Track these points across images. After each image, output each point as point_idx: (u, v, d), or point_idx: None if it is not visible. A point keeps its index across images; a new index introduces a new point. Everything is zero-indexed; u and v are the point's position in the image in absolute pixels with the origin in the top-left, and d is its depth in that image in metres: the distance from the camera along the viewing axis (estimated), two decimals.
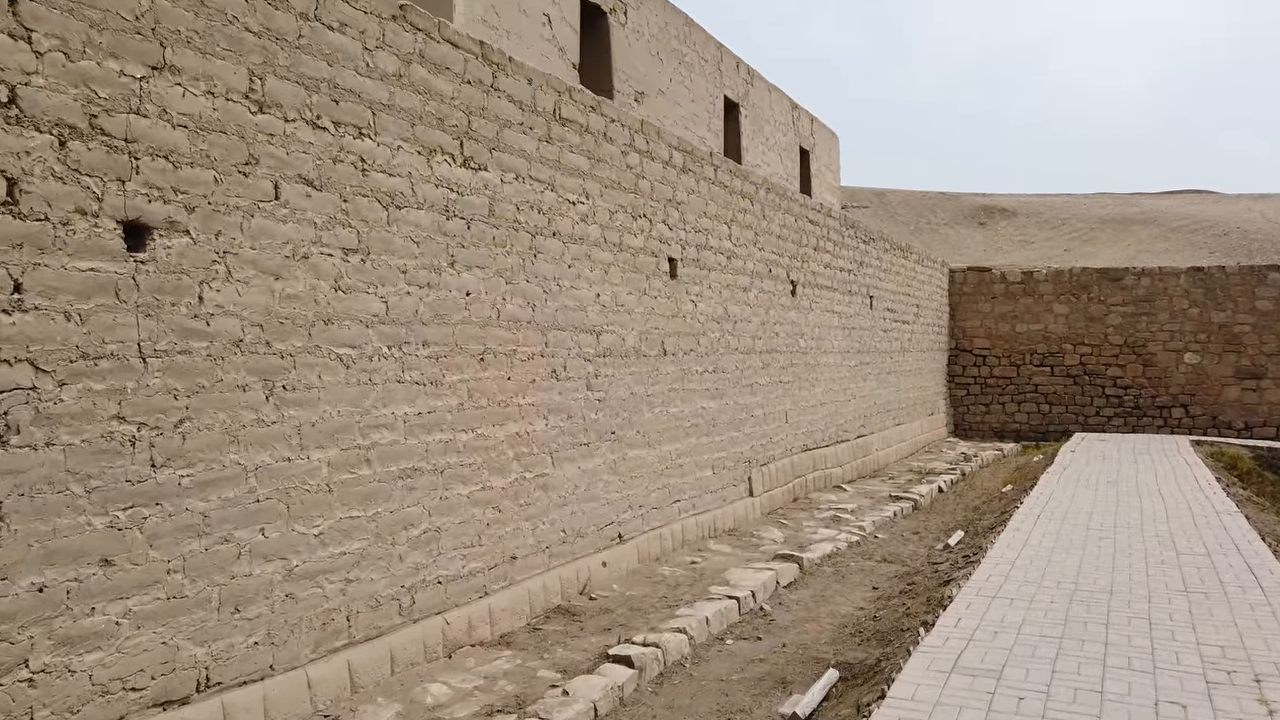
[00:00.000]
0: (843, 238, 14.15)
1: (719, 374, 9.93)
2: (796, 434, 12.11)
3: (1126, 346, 20.23)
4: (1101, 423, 20.30)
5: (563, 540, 7.13)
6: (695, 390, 9.39)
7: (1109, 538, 8.04)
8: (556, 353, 7.12)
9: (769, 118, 19.65)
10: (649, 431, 8.49)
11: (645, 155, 8.49)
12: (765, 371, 11.16)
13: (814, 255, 12.91)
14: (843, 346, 14.05)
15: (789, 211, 12.02)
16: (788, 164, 20.49)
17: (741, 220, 10.57)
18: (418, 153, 5.71)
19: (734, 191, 10.39)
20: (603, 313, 7.75)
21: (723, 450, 9.99)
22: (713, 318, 9.81)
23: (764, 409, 11.11)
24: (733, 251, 10.32)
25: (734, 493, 10.23)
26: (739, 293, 10.47)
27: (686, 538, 9.04)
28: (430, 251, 5.81)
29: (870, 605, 7.22)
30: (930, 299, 19.57)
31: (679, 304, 9.09)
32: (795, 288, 12.18)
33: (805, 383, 12.47)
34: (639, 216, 8.36)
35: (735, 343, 10.35)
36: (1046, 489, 11.16)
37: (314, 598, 4.91)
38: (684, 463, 9.13)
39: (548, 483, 6.98)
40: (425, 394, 5.74)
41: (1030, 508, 9.75)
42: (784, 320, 11.78)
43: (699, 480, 9.44)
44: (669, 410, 8.86)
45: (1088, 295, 20.53)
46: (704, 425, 9.57)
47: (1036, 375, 20.85)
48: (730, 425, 10.19)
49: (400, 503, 5.53)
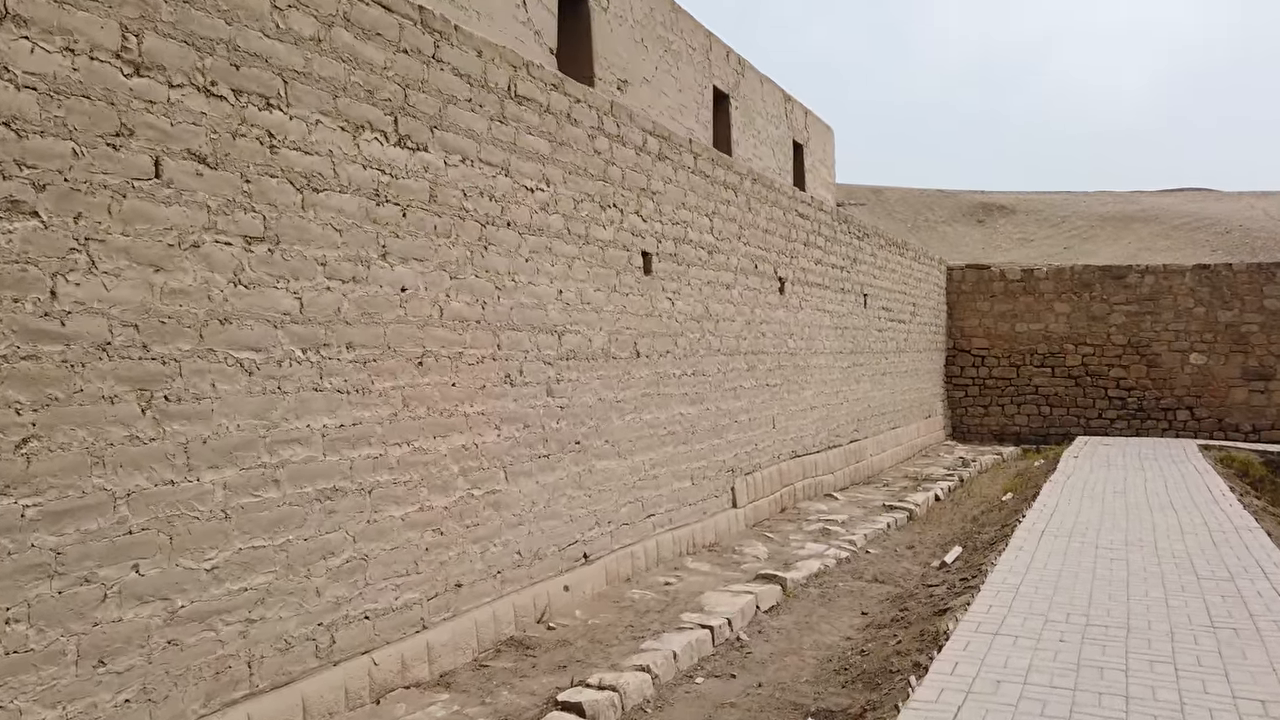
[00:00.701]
0: (835, 233, 13.46)
1: (699, 377, 9.24)
2: (785, 440, 11.42)
3: (1130, 346, 19.55)
4: (1104, 425, 19.62)
5: (517, 564, 6.44)
6: (672, 395, 8.70)
7: (1121, 558, 7.33)
8: (511, 355, 6.43)
9: (761, 110, 18.96)
10: (619, 441, 7.79)
11: (616, 140, 7.79)
12: (750, 374, 10.47)
13: (804, 251, 12.22)
14: (835, 347, 13.36)
15: (777, 204, 11.33)
16: (780, 158, 19.80)
17: (724, 213, 9.87)
18: (341, 129, 5.01)
19: (716, 182, 9.69)
20: (566, 311, 7.05)
21: (703, 459, 9.30)
22: (692, 317, 9.11)
23: (749, 414, 10.41)
24: (714, 246, 9.63)
25: (715, 504, 9.54)
26: (721, 290, 9.77)
27: (662, 555, 8.34)
28: (357, 241, 5.11)
29: (858, 635, 6.53)
30: (927, 297, 18.87)
31: (654, 302, 8.40)
32: (783, 285, 11.48)
33: (794, 385, 11.77)
34: (608, 206, 7.67)
35: (717, 344, 9.66)
36: (1050, 499, 10.48)
37: (205, 643, 4.22)
38: (659, 474, 8.44)
39: (500, 500, 6.28)
40: (349, 403, 5.05)
41: (1033, 522, 9.06)
42: (771, 319, 11.09)
43: (676, 492, 8.75)
44: (642, 417, 8.16)
45: (1090, 294, 19.84)
46: (682, 433, 8.88)
47: (1037, 376, 20.16)
48: (712, 432, 9.50)
49: (317, 528, 4.83)
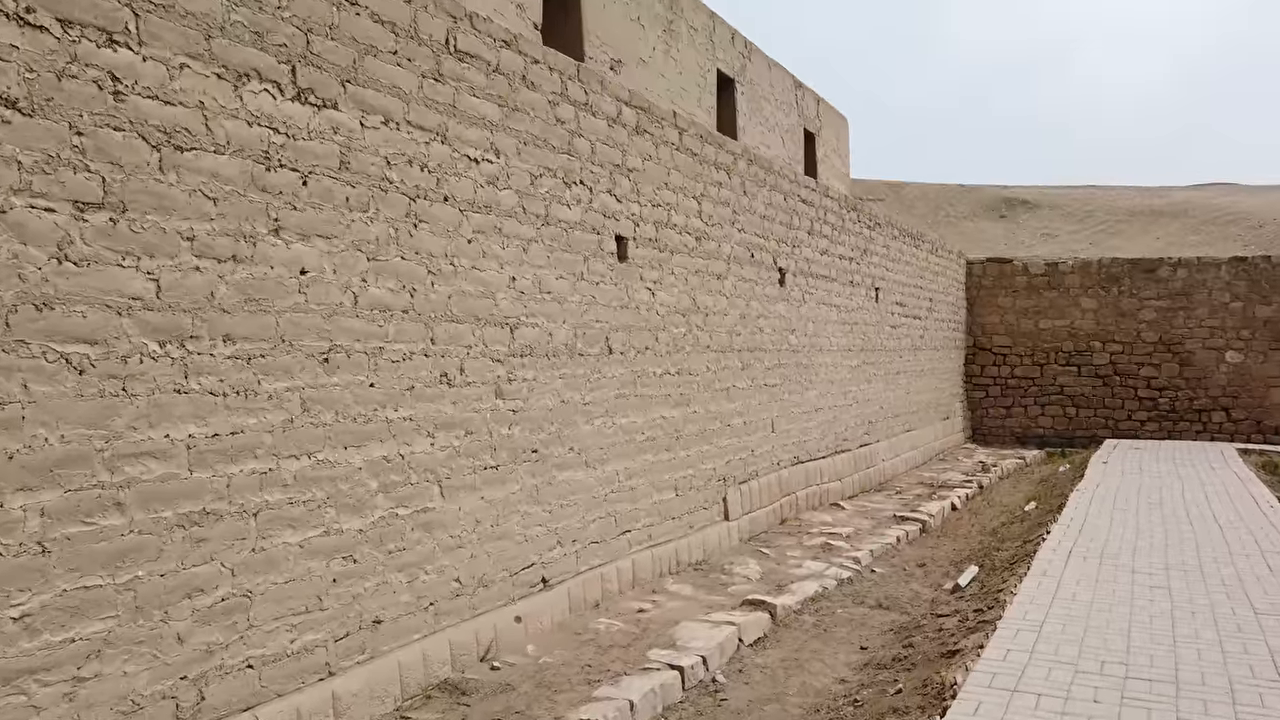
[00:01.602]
0: (844, 222, 12.51)
1: (684, 377, 8.33)
2: (785, 445, 10.48)
3: (1161, 344, 18.45)
4: (1134, 428, 18.53)
5: (456, 593, 5.55)
6: (652, 397, 7.80)
7: (1162, 586, 6.36)
8: (449, 351, 5.54)
9: (769, 96, 18.00)
10: (587, 448, 6.90)
11: (583, 109, 6.89)
12: (745, 373, 9.55)
13: (808, 240, 11.28)
14: (842, 344, 12.41)
15: (777, 189, 10.40)
16: (790, 147, 18.84)
17: (715, 195, 8.96)
18: (216, 76, 4.14)
19: (705, 161, 8.77)
20: (520, 301, 6.16)
21: (689, 467, 8.39)
22: (676, 310, 8.20)
23: (744, 417, 9.49)
24: (703, 232, 8.71)
25: (704, 517, 8.62)
26: (712, 281, 8.85)
27: (638, 576, 7.44)
28: (239, 212, 4.24)
29: (854, 677, 5.60)
30: (945, 292, 17.87)
31: (630, 292, 7.50)
32: (784, 276, 10.55)
33: (796, 385, 10.84)
34: (574, 183, 6.78)
35: (706, 339, 8.74)
36: (1077, 511, 9.49)
37: (12, 710, 3.36)
38: (636, 485, 7.54)
39: (434, 520, 5.39)
40: (227, 408, 4.17)
41: (1059, 539, 8.09)
42: (770, 314, 10.16)
43: (657, 505, 7.84)
44: (616, 421, 7.26)
45: (1118, 288, 18.76)
46: (664, 439, 7.97)
47: (1062, 376, 19.10)
48: (700, 437, 8.59)
49: (180, 561, 3.96)
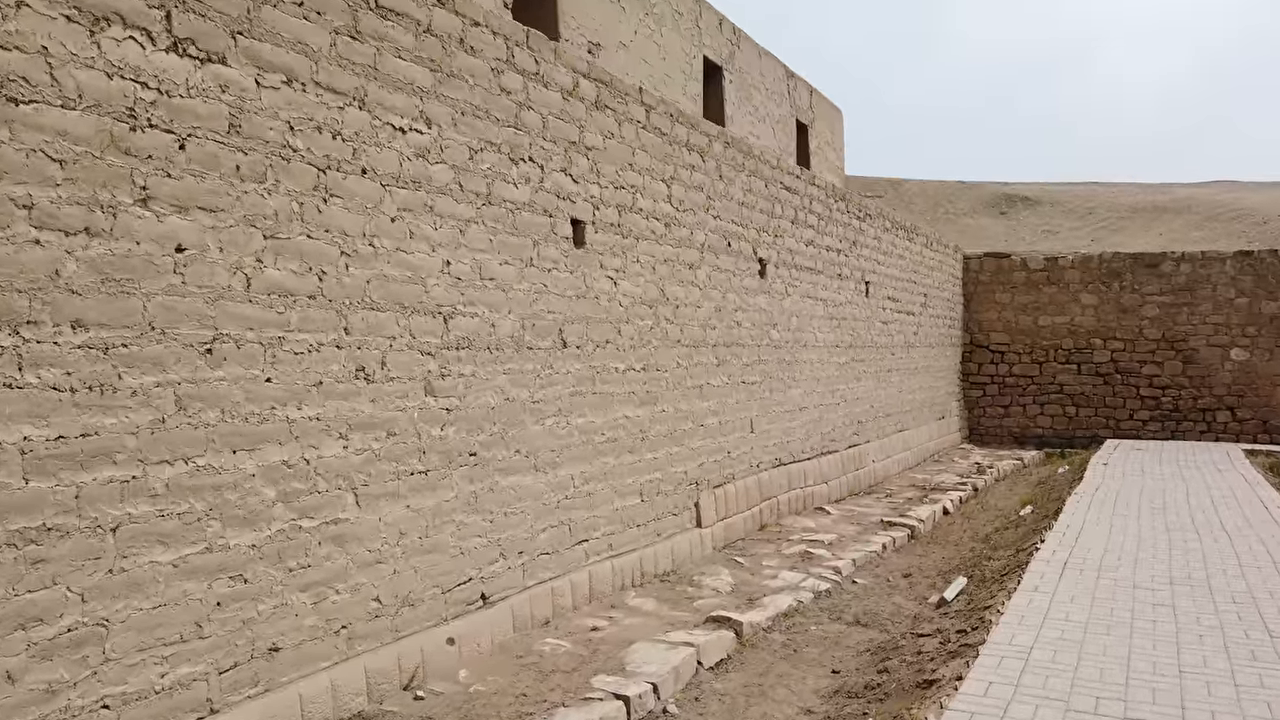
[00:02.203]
0: (830, 211, 11.90)
1: (651, 373, 7.73)
2: (766, 446, 9.89)
3: (1164, 341, 17.84)
4: (1136, 427, 17.92)
5: (375, 614, 4.96)
6: (614, 395, 7.20)
7: (1166, 604, 5.76)
8: (368, 342, 4.95)
9: (759, 85, 17.42)
10: (537, 451, 6.31)
11: (533, 79, 6.30)
12: (721, 370, 8.95)
13: (791, 230, 10.68)
14: (830, 340, 11.81)
15: (757, 174, 9.80)
16: (781, 138, 18.25)
17: (687, 179, 8.36)
18: (66, 19, 3.55)
19: (676, 142, 8.18)
20: (456, 288, 5.57)
21: (657, 470, 7.79)
22: (642, 301, 7.61)
23: (720, 416, 8.89)
24: (673, 218, 8.12)
25: (673, 524, 8.03)
26: (683, 270, 8.26)
27: (596, 590, 6.85)
28: (94, 178, 3.65)
29: (821, 706, 5.01)
30: (940, 288, 17.26)
31: (589, 281, 6.90)
32: (765, 267, 9.95)
33: (779, 383, 10.24)
34: (522, 160, 6.18)
35: (677, 333, 8.15)
36: (1074, 517, 8.89)
37: None
38: (595, 490, 6.95)
39: (347, 532, 4.80)
40: (76, 405, 3.59)
41: (1053, 548, 7.49)
42: (749, 307, 9.56)
43: (619, 512, 7.25)
44: (571, 422, 6.67)
45: (1120, 284, 18.15)
46: (628, 440, 7.38)
47: (1062, 374, 18.49)
48: (669, 438, 7.99)
49: (9, 587, 3.37)
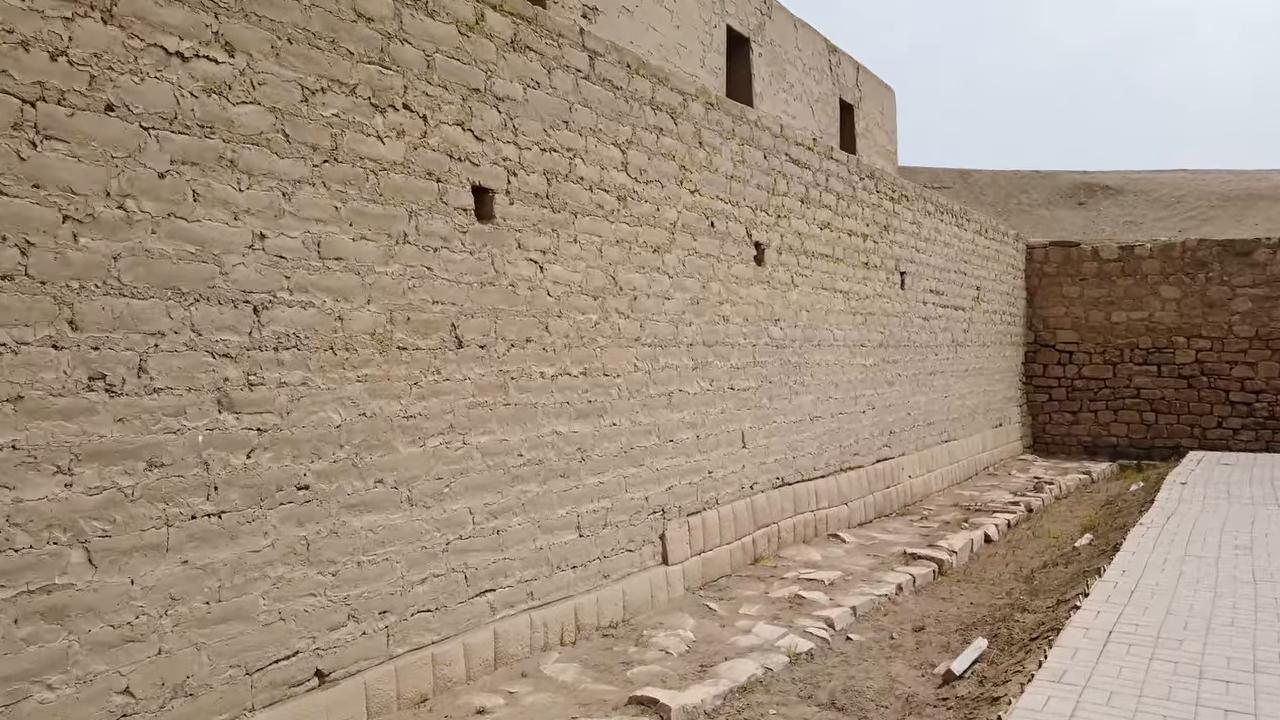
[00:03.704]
0: (854, 190, 10.32)
1: (596, 378, 6.32)
2: (763, 463, 8.39)
3: (1259, 339, 15.75)
4: (1224, 437, 15.86)
5: (123, 712, 3.64)
6: (538, 406, 5.81)
7: (1247, 711, 4.11)
8: (109, 342, 3.64)
9: (795, 60, 15.85)
10: (413, 480, 4.94)
11: (411, 6, 4.94)
12: (700, 374, 7.49)
13: (800, 210, 9.15)
14: (853, 338, 10.24)
15: (752, 143, 8.30)
16: (821, 118, 16.66)
17: (651, 145, 6.92)
18: None
19: (636, 99, 6.75)
20: (276, 269, 4.24)
21: (604, 498, 6.37)
22: (583, 290, 6.20)
23: (697, 430, 7.43)
24: (631, 190, 6.69)
25: (627, 562, 6.59)
26: (645, 254, 6.83)
27: (507, 652, 5.45)
28: None
29: None
30: (998, 280, 15.47)
31: (500, 265, 5.52)
32: (762, 253, 8.45)
33: (782, 389, 8.73)
34: (391, 108, 4.83)
35: (635, 330, 6.72)
36: (1135, 558, 7.21)
37: None
38: (508, 526, 5.56)
39: (67, 603, 3.50)
40: None
41: (1098, 607, 5.86)
42: (741, 299, 8.08)
43: (545, 551, 5.85)
44: (470, 441, 5.29)
45: (1206, 275, 16.10)
46: (559, 461, 5.97)
47: (1139, 376, 16.51)
48: (623, 458, 6.57)
49: None
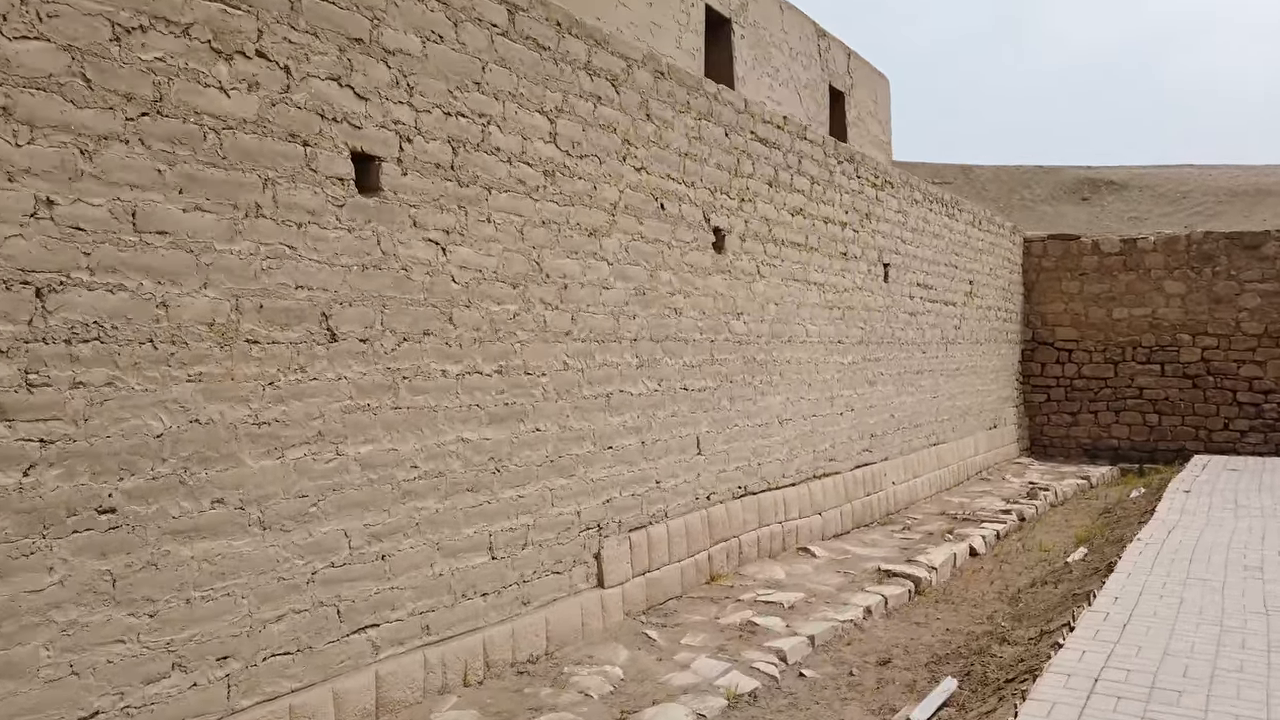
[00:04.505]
0: (831, 174, 9.54)
1: (515, 377, 5.54)
2: (723, 471, 7.61)
3: (1268, 337, 14.93)
4: (1232, 440, 15.05)
5: None
6: (438, 409, 5.04)
7: None
8: None
9: (781, 43, 15.07)
10: (266, 498, 4.18)
11: None
12: (647, 372, 6.71)
13: (768, 194, 8.37)
14: (829, 334, 9.45)
15: (711, 118, 7.52)
16: (810, 105, 15.87)
17: (586, 114, 6.15)
18: None
19: (567, 60, 5.97)
20: (64, 246, 3.47)
21: (524, 514, 5.60)
22: (498, 276, 5.43)
23: (642, 435, 6.66)
24: (561, 165, 5.91)
25: (553, 586, 5.82)
26: (578, 237, 6.06)
27: (392, 698, 4.68)
28: None
29: None
30: (993, 274, 14.67)
31: (389, 245, 4.76)
32: (723, 239, 7.67)
33: (746, 389, 7.95)
34: (240, 55, 4.06)
35: (565, 323, 5.95)
36: (1130, 582, 6.42)
37: None
38: (397, 549, 4.79)
39: None
40: None
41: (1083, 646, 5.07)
42: (696, 289, 7.30)
43: (446, 578, 5.08)
44: (346, 451, 4.52)
45: (1213, 269, 15.29)
46: (466, 473, 5.20)
47: (1141, 375, 15.70)
48: (549, 468, 5.80)
49: None
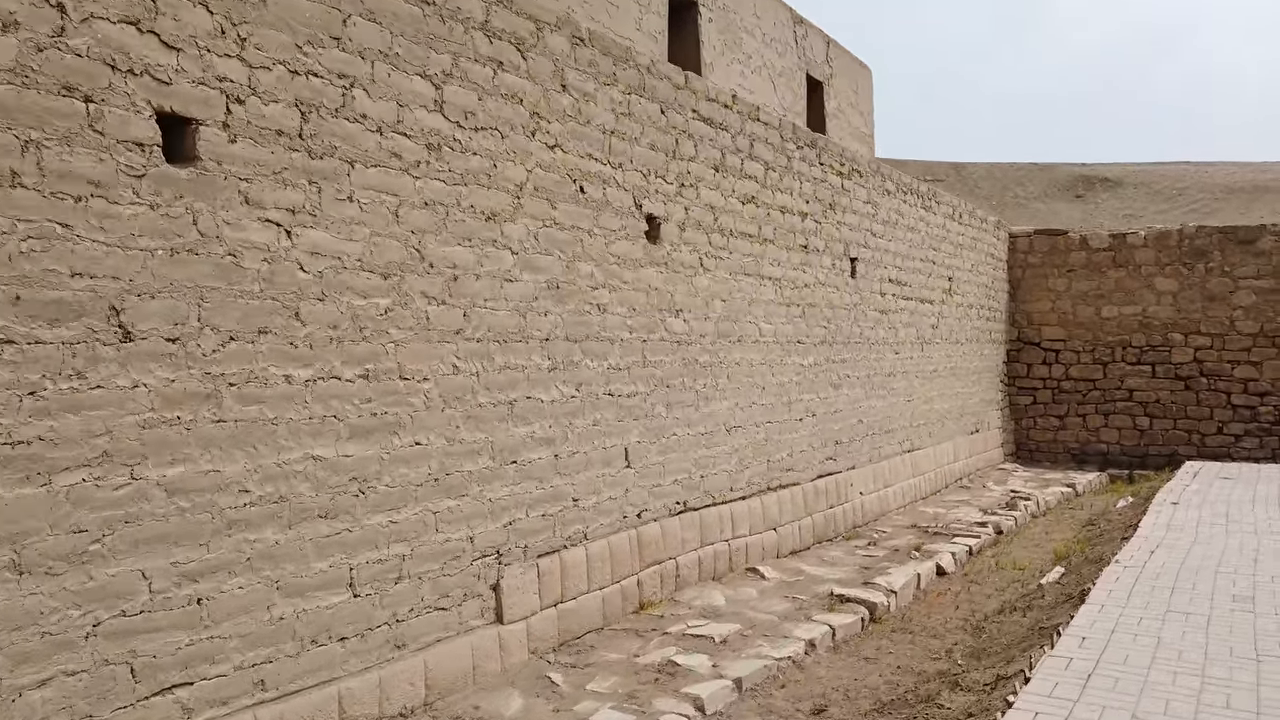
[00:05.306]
0: (788, 160, 8.77)
1: (387, 383, 4.77)
2: (657, 485, 6.85)
3: (1263, 336, 14.17)
4: (1226, 444, 14.29)
5: None
6: (284, 422, 4.27)
7: None
8: None
9: (753, 28, 14.30)
10: (25, 537, 3.40)
11: None
12: (563, 376, 5.94)
13: (713, 179, 7.60)
14: (787, 334, 8.69)
15: (643, 92, 6.76)
16: (785, 94, 15.13)
17: (484, 82, 5.38)
18: None
19: (457, 18, 5.20)
20: None
21: (401, 541, 4.83)
22: (362, 265, 4.66)
23: (558, 447, 5.89)
24: (449, 138, 5.15)
25: (437, 625, 5.05)
26: (474, 223, 5.29)
27: None
28: None
29: None
30: (975, 270, 13.91)
31: (210, 225, 3.98)
32: (658, 228, 6.91)
33: (686, 394, 7.19)
34: None
35: (455, 320, 5.18)
36: (1104, 615, 5.66)
37: None
38: (221, 592, 4.02)
39: None
40: None
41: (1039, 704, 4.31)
42: (626, 283, 6.54)
43: (291, 621, 4.30)
44: (149, 475, 3.74)
45: (1205, 265, 14.53)
46: (320, 498, 4.43)
47: (1131, 377, 14.94)
48: (436, 488, 5.03)
49: None
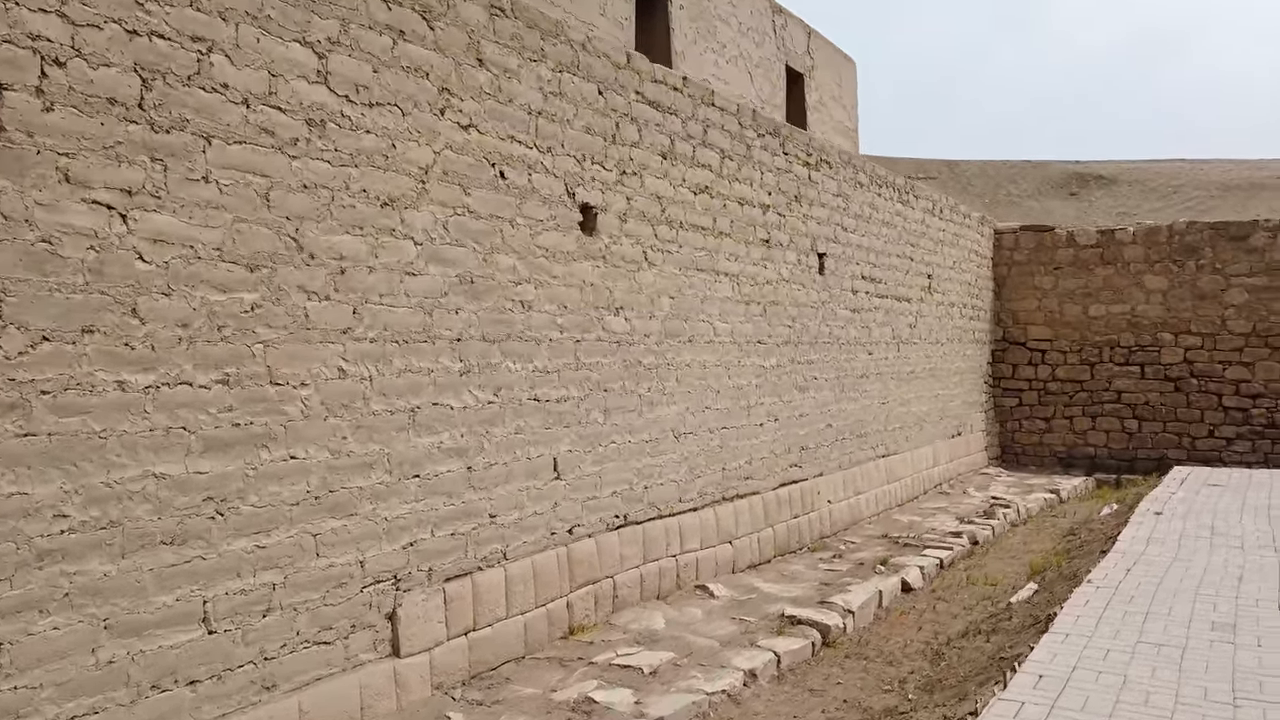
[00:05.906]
0: (747, 148, 8.23)
1: (255, 389, 4.23)
2: (592, 498, 6.31)
3: (1255, 336, 13.64)
4: (1216, 448, 13.76)
5: None
6: (115, 436, 3.72)
7: None
8: None
9: (728, 17, 13.77)
10: None
11: None
12: (478, 380, 5.40)
13: (661, 167, 7.07)
14: (746, 333, 8.15)
15: (577, 70, 6.21)
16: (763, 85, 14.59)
17: (381, 52, 4.84)
18: None
19: None
20: None
21: (272, 568, 4.29)
22: (221, 255, 4.12)
23: (471, 458, 5.35)
24: (336, 113, 4.60)
25: (319, 661, 4.50)
26: (368, 209, 4.75)
27: None
28: None
29: None
30: (956, 267, 13.38)
31: (18, 207, 3.45)
32: (594, 218, 6.36)
33: (628, 398, 6.65)
34: None
35: (339, 318, 4.64)
36: (1067, 647, 5.11)
37: None
38: (30, 634, 3.46)
39: None
40: None
41: None
42: (556, 278, 6.00)
43: (123, 664, 3.75)
44: None
45: (1196, 263, 14.01)
46: (164, 522, 3.88)
47: (1120, 378, 14.42)
48: (317, 506, 4.48)
49: None
